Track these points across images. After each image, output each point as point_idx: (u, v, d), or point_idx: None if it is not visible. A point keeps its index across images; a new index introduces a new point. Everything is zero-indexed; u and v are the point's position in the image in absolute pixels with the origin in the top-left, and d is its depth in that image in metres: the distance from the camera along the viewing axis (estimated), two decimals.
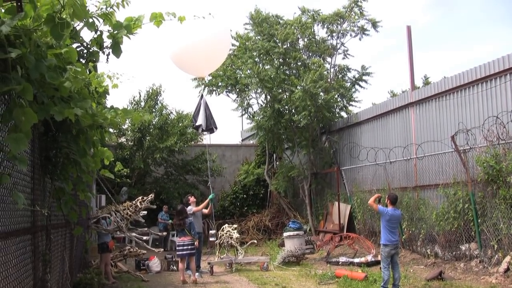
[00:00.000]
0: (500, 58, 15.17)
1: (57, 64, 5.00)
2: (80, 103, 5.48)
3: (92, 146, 7.43)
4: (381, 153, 19.23)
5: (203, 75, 12.66)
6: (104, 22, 5.63)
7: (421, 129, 18.58)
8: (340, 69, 25.57)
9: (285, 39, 23.96)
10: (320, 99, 22.30)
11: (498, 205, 13.67)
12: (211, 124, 15.48)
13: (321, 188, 25.00)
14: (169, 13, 5.99)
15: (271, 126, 23.97)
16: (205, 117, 13.85)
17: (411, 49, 19.75)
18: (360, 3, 24.47)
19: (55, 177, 7.05)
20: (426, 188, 17.56)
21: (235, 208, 29.19)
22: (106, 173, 9.46)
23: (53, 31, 4.59)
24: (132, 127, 26.64)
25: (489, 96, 15.58)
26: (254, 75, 23.07)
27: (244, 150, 33.15)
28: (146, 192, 22.31)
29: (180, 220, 15.45)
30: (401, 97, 20.25)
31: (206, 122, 14.34)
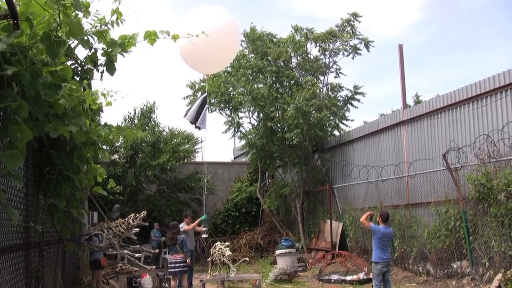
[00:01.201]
0: (490, 77, 15.28)
1: (52, 82, 5.03)
2: (74, 120, 5.51)
3: (85, 163, 7.45)
4: (373, 171, 19.29)
5: (210, 73, 12.76)
6: (99, 40, 5.66)
7: (413, 147, 18.65)
8: (332, 87, 25.66)
9: (278, 58, 24.07)
10: (313, 118, 22.38)
11: (489, 223, 13.71)
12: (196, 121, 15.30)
13: (313, 206, 25.00)
14: (162, 31, 6.02)
15: (263, 144, 24.00)
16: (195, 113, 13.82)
17: (403, 68, 19.86)
18: (352, 22, 24.63)
19: (48, 194, 7.06)
20: (418, 206, 17.60)
21: (227, 226, 29.16)
22: (99, 190, 9.47)
23: (49, 49, 4.63)
24: (125, 144, 26.64)
25: (480, 115, 15.68)
26: (247, 93, 23.13)
27: (237, 168, 33.16)
28: (138, 209, 22.30)
29: (172, 234, 15.45)
30: (393, 115, 20.35)
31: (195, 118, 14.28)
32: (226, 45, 10.91)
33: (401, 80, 19.83)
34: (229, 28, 11.05)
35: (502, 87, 14.86)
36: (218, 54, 10.90)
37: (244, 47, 25.85)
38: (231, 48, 11.40)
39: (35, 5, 4.63)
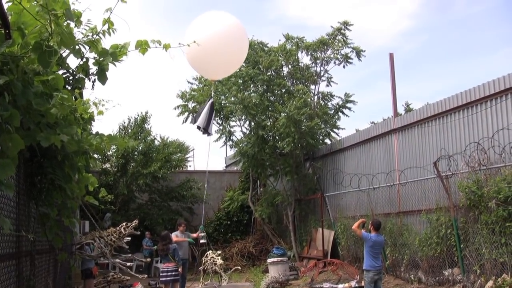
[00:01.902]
0: (480, 85, 15.37)
1: (43, 91, 5.05)
2: (66, 129, 5.52)
3: (77, 172, 7.45)
4: (364, 179, 19.34)
5: (216, 78, 12.79)
6: (90, 49, 5.67)
7: (404, 155, 18.72)
8: (323, 96, 25.72)
9: (269, 66, 24.14)
10: (304, 126, 22.44)
11: (480, 230, 13.76)
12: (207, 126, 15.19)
13: (305, 215, 25.02)
14: (154, 41, 6.04)
15: (255, 153, 24.02)
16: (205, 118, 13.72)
17: (393, 77, 19.93)
18: (343, 31, 24.73)
19: (40, 203, 7.07)
20: (409, 214, 17.64)
21: (219, 235, 29.11)
22: (91, 199, 9.46)
23: (41, 58, 4.65)
24: (117, 153, 26.61)
25: (470, 123, 15.76)
26: (238, 101, 23.17)
27: (228, 177, 33.14)
28: (130, 218, 22.24)
29: (163, 245, 15.44)
30: (384, 123, 20.41)
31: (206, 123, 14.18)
32: (234, 51, 10.95)
33: (392, 89, 19.90)
34: (238, 34, 11.09)
35: (492, 95, 14.95)
36: (226, 59, 10.94)
37: None
38: (239, 55, 11.43)
39: (26, 15, 4.65)
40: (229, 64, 11.46)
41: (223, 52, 10.53)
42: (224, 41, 10.37)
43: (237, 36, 11.03)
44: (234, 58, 11.30)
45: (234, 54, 11.07)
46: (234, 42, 10.87)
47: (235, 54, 11.16)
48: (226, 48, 10.56)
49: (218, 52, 10.32)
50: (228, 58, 11.03)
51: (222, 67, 11.46)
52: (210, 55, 10.45)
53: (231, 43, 10.70)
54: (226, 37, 10.50)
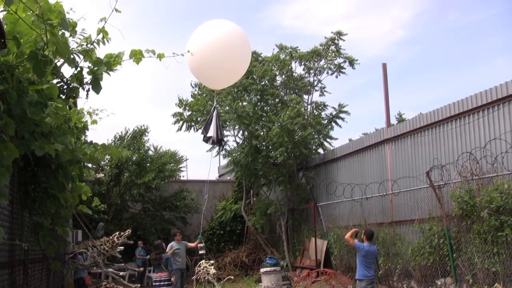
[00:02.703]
0: (472, 95, 15.45)
1: (38, 100, 5.07)
2: (60, 139, 5.54)
3: (70, 181, 7.45)
4: (357, 189, 19.37)
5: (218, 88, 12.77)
6: (85, 58, 5.70)
7: (396, 165, 18.76)
8: (317, 106, 25.75)
9: (263, 76, 24.18)
10: (297, 136, 22.47)
11: (473, 240, 13.81)
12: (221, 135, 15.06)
13: (298, 224, 25.03)
14: (148, 50, 6.06)
15: (248, 163, 24.03)
16: (216, 128, 13.64)
17: (386, 87, 20.00)
18: (337, 41, 24.78)
19: (33, 212, 7.07)
20: (402, 224, 17.68)
21: (212, 244, 29.04)
22: (84, 208, 9.47)
23: (36, 67, 4.67)
24: (110, 163, 26.59)
25: (462, 133, 15.83)
26: (232, 111, 23.19)
27: (221, 186, 33.12)
28: (123, 227, 22.21)
29: (156, 254, 15.43)
30: (377, 133, 20.47)
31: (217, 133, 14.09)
32: (237, 61, 10.94)
33: (385, 99, 19.97)
34: (241, 44, 11.08)
35: (484, 105, 15.02)
36: (229, 69, 10.93)
37: None
38: (242, 65, 11.43)
39: (22, 24, 4.68)
40: (231, 74, 11.47)
41: (226, 62, 10.54)
42: (227, 50, 10.37)
43: (241, 45, 11.03)
44: (236, 68, 11.30)
45: (236, 64, 11.08)
46: (237, 52, 10.87)
47: (238, 64, 11.17)
48: (229, 58, 10.56)
49: (221, 62, 10.33)
50: (231, 68, 11.03)
51: (224, 77, 11.47)
52: (213, 65, 10.46)
53: (234, 53, 10.71)
54: (229, 46, 10.51)
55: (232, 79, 12.07)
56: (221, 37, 10.62)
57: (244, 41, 11.12)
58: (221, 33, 10.76)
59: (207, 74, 11.25)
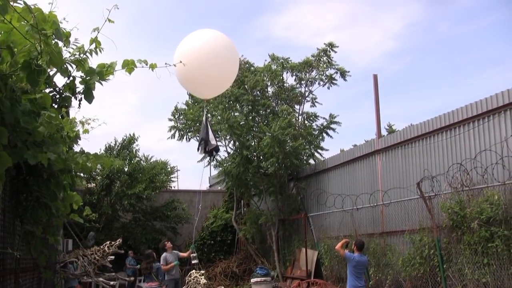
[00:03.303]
0: (463, 107, 15.51)
1: (31, 109, 5.09)
2: (52, 148, 5.56)
3: (62, 190, 7.45)
4: (348, 200, 19.38)
5: (207, 97, 12.74)
6: (77, 68, 5.72)
7: (387, 176, 18.80)
8: (308, 116, 25.82)
9: (255, 86, 24.23)
10: (288, 146, 22.50)
11: (463, 251, 13.83)
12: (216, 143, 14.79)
13: (289, 235, 25.02)
14: (140, 61, 6.08)
15: (239, 173, 24.03)
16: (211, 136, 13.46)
17: (377, 98, 20.06)
18: (328, 52, 24.88)
19: (25, 221, 7.06)
20: (393, 234, 17.70)
21: (202, 254, 28.99)
22: (76, 217, 9.46)
23: (30, 77, 4.69)
24: (102, 173, 26.58)
25: (453, 144, 15.89)
26: (223, 121, 23.22)
27: (212, 196, 33.15)
28: (113, 237, 22.16)
29: (147, 263, 15.40)
30: (368, 144, 20.51)
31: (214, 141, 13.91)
32: (225, 69, 10.92)
33: (375, 110, 20.02)
34: (229, 53, 11.07)
35: (474, 117, 15.08)
36: (217, 78, 10.92)
37: None
38: (230, 74, 11.41)
39: (16, 34, 4.69)
40: (220, 82, 11.44)
41: (213, 71, 10.51)
42: (214, 59, 10.36)
43: (228, 53, 11.02)
44: (225, 77, 11.28)
45: (225, 72, 11.05)
46: (225, 60, 10.86)
47: (226, 72, 11.14)
48: (217, 67, 10.55)
49: (208, 71, 10.31)
50: (219, 76, 11.01)
51: (214, 86, 11.44)
52: (200, 74, 10.44)
53: (222, 61, 10.69)
54: (216, 55, 10.50)
55: (222, 87, 12.05)
56: (207, 46, 10.61)
57: (230, 49, 11.11)
58: (207, 42, 10.76)
59: (195, 84, 11.23)
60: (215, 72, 10.61)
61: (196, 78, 10.54)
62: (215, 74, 10.70)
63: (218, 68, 10.55)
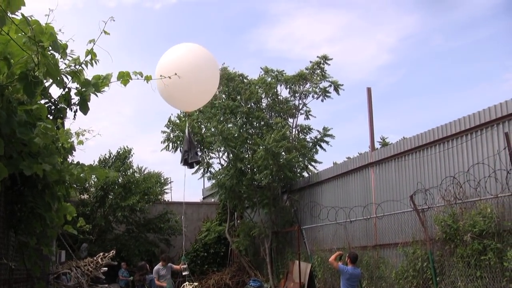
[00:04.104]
0: (456, 120, 15.56)
1: (27, 120, 5.11)
2: (48, 159, 5.57)
3: (56, 201, 7.46)
4: (341, 212, 19.39)
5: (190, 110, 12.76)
6: (73, 79, 5.73)
7: (380, 188, 18.82)
8: (302, 129, 25.88)
9: (249, 99, 24.28)
10: (282, 159, 22.51)
11: (456, 264, 13.86)
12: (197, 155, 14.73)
13: (282, 247, 25.00)
14: (136, 73, 6.10)
15: (233, 185, 24.02)
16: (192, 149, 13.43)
17: (371, 111, 20.11)
18: (322, 65, 24.96)
19: (19, 231, 7.06)
20: (386, 247, 17.71)
21: (195, 266, 28.98)
22: (69, 228, 9.45)
23: (26, 88, 4.71)
24: (96, 184, 26.56)
25: (446, 157, 15.92)
26: (218, 133, 23.24)
27: (206, 208, 33.14)
28: (106, 248, 22.15)
29: (140, 275, 15.40)
30: (361, 157, 20.54)
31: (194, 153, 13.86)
32: (206, 81, 10.97)
33: (369, 123, 20.07)
34: (208, 65, 11.12)
35: (467, 130, 15.13)
36: (198, 91, 10.96)
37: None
38: (211, 85, 11.47)
39: (13, 46, 4.72)
40: (201, 96, 11.48)
41: (193, 84, 10.55)
42: (194, 72, 10.39)
43: (208, 67, 11.07)
44: (205, 90, 11.32)
45: (205, 85, 11.10)
46: (205, 74, 10.90)
47: (207, 85, 11.19)
48: (197, 80, 10.58)
49: (188, 84, 10.34)
50: (199, 89, 11.05)
51: (193, 99, 11.47)
52: (180, 87, 10.45)
53: (201, 75, 10.73)
54: (196, 68, 10.53)
55: (202, 100, 12.10)
56: (187, 59, 10.65)
57: (210, 62, 11.18)
58: (187, 55, 10.80)
59: (176, 97, 11.26)
60: (195, 85, 10.66)
61: (176, 91, 10.59)
62: (195, 87, 10.76)
63: (198, 81, 10.60)
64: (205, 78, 10.90)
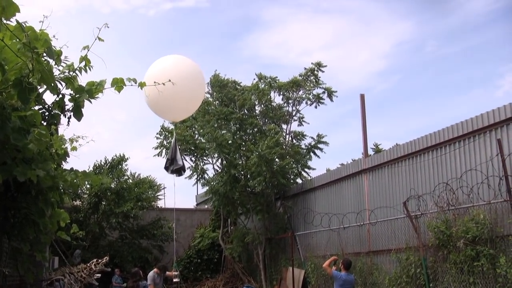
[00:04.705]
0: (449, 127, 15.61)
1: (21, 126, 5.11)
2: (41, 165, 5.56)
3: (50, 207, 7.44)
4: (335, 219, 19.41)
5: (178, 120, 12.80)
6: (67, 85, 5.73)
7: (374, 195, 18.84)
8: (295, 135, 25.91)
9: (243, 105, 24.30)
10: (276, 165, 22.53)
11: (449, 270, 13.89)
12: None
13: (275, 253, 24.99)
14: (130, 79, 6.10)
15: (226, 191, 24.01)
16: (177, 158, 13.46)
17: (364, 117, 20.14)
18: (316, 72, 25.01)
19: (12, 237, 7.04)
20: (379, 253, 17.73)
21: (189, 273, 28.95)
22: (63, 235, 9.43)
23: (21, 94, 4.71)
24: (90, 191, 26.50)
25: (439, 163, 15.96)
26: (212, 139, 23.24)
27: (199, 215, 33.10)
28: (100, 255, 22.09)
29: (134, 282, 15.37)
30: (354, 163, 20.57)
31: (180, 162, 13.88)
32: (192, 91, 11.02)
33: (362, 130, 20.10)
34: (195, 75, 11.16)
35: (460, 136, 15.18)
36: (184, 101, 11.00)
37: (209, 93, 26.09)
38: (198, 95, 11.52)
39: (8, 52, 4.72)
40: (187, 106, 11.53)
41: (179, 95, 10.59)
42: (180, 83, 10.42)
43: (194, 78, 11.11)
44: (191, 101, 11.37)
45: (191, 96, 11.15)
46: (191, 85, 10.95)
47: (192, 96, 11.24)
48: (183, 91, 10.62)
49: (174, 95, 10.37)
50: (186, 101, 11.10)
51: (179, 110, 11.52)
52: (168, 98, 10.50)
53: (187, 86, 10.78)
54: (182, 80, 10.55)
55: (189, 111, 12.16)
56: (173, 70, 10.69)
57: (196, 73, 11.24)
58: (174, 67, 10.85)
59: (162, 108, 11.31)
60: (182, 97, 10.72)
61: (163, 101, 10.64)
62: (183, 99, 10.82)
63: (184, 92, 10.65)
64: (191, 89, 10.95)
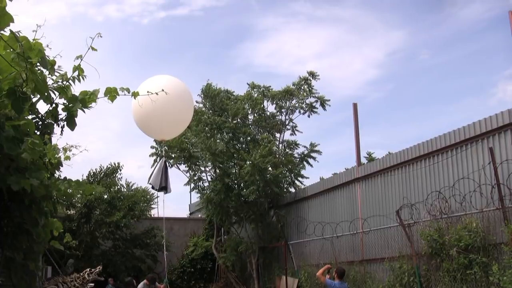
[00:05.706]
0: (442, 135, 15.67)
1: (14, 135, 5.12)
2: (35, 174, 5.57)
3: (43, 217, 7.44)
4: (328, 228, 19.44)
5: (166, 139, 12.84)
6: (60, 95, 5.73)
7: (367, 204, 18.87)
8: (288, 144, 25.92)
9: (236, 114, 24.32)
10: (269, 174, 22.55)
11: (442, 278, 13.92)
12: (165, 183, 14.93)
13: (269, 262, 24.98)
14: (123, 88, 6.11)
15: (220, 200, 24.00)
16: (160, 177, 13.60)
17: (357, 126, 20.18)
18: (309, 81, 25.05)
19: (5, 247, 7.03)
20: (373, 262, 17.75)
21: (182, 282, 28.91)
22: (56, 244, 9.42)
23: (15, 104, 4.72)
24: (81, 200, 26.43)
25: (431, 172, 16.01)
26: (206, 148, 23.25)
27: (192, 224, 33.06)
28: (93, 264, 22.00)
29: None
30: (347, 172, 20.61)
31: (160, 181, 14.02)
32: (180, 111, 11.09)
33: (355, 138, 20.13)
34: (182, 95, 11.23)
35: (452, 145, 15.24)
36: (173, 120, 11.09)
37: (201, 103, 26.14)
38: (186, 115, 11.59)
39: (2, 62, 4.73)
40: (176, 126, 11.60)
41: (168, 115, 10.65)
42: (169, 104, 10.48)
43: (182, 99, 11.17)
44: (180, 121, 11.44)
45: (179, 117, 11.22)
46: (180, 106, 11.02)
47: (181, 117, 11.31)
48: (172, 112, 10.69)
49: (163, 115, 10.44)
50: (175, 121, 11.17)
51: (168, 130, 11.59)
52: (157, 118, 10.57)
53: (176, 106, 10.84)
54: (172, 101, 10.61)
55: (177, 130, 12.22)
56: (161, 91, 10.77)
57: (186, 95, 11.31)
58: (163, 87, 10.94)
59: (152, 127, 11.37)
60: (171, 118, 10.79)
61: (152, 121, 10.71)
62: (172, 119, 10.89)
63: (174, 114, 10.73)
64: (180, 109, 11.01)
